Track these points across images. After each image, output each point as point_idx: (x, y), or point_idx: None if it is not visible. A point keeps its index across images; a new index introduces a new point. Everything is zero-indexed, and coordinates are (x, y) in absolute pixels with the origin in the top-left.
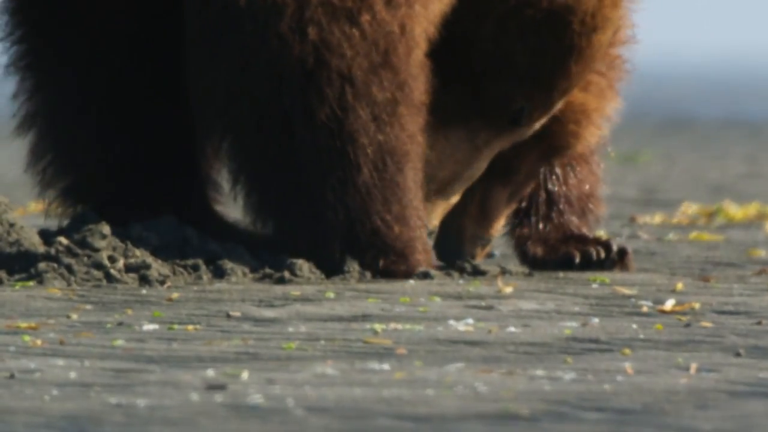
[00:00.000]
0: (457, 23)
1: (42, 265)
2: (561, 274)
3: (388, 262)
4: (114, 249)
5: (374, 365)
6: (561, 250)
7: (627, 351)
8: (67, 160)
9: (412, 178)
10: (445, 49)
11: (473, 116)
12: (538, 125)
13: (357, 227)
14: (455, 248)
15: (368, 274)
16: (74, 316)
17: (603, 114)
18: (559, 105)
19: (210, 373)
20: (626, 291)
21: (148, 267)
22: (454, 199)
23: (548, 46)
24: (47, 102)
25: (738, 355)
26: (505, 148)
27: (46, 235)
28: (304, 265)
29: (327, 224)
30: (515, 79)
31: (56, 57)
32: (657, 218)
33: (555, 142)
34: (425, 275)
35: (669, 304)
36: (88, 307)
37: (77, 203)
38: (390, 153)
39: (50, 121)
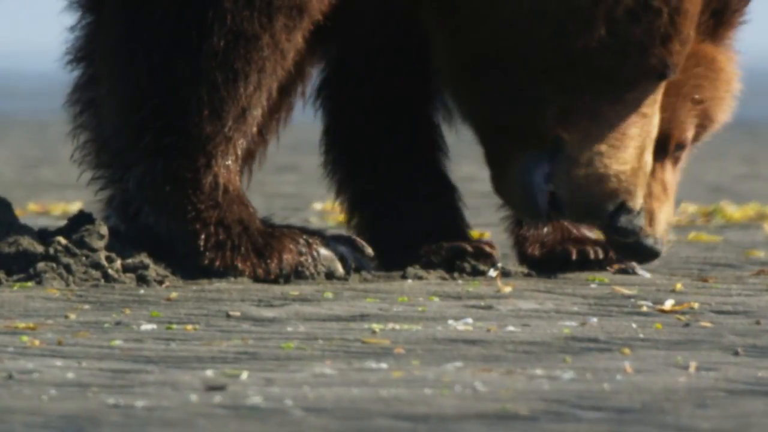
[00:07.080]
0: None
1: (40, 265)
2: (560, 274)
3: None
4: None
5: (372, 365)
6: (558, 250)
7: (626, 350)
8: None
9: None
10: None
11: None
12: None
13: None
14: (651, 240)
15: (367, 274)
16: (72, 316)
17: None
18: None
19: (209, 373)
20: (625, 291)
21: (146, 267)
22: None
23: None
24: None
25: (736, 354)
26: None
27: (45, 235)
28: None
29: None
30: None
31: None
32: None
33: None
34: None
35: (668, 303)
36: (86, 307)
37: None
38: None
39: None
